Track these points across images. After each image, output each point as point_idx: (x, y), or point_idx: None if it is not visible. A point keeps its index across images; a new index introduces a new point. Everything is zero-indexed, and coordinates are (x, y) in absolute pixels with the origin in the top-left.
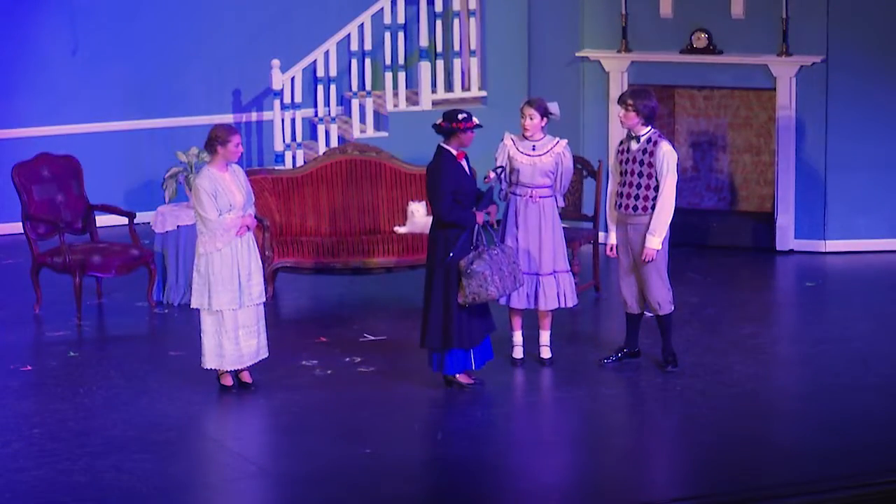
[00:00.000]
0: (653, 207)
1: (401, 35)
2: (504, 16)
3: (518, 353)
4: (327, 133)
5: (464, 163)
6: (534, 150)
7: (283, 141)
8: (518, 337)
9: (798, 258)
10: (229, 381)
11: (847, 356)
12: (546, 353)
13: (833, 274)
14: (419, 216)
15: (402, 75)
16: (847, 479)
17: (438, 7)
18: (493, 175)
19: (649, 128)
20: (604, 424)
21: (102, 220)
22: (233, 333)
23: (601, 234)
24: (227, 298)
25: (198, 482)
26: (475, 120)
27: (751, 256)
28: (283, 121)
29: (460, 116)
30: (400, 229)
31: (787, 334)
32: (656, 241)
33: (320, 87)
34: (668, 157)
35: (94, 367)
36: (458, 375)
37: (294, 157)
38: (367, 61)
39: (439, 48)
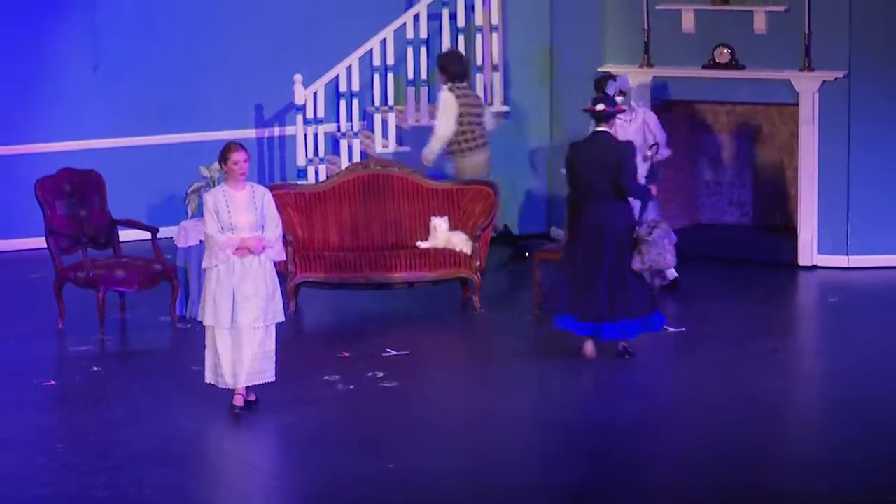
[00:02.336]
0: None
1: (423, 50)
2: (526, 31)
3: None
4: (350, 148)
5: None
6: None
7: (306, 156)
8: None
9: (821, 273)
10: (240, 402)
11: (869, 371)
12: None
13: (856, 289)
14: (441, 231)
15: (424, 90)
16: (869, 492)
17: (461, 22)
18: (649, 152)
19: None
20: (618, 434)
21: (125, 234)
22: (224, 351)
23: None
24: (220, 316)
25: (219, 497)
26: None
27: (773, 271)
28: (305, 136)
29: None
30: (422, 244)
31: (810, 349)
32: None
33: (343, 102)
34: None
35: (116, 381)
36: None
37: (316, 172)
38: (390, 76)
39: None
